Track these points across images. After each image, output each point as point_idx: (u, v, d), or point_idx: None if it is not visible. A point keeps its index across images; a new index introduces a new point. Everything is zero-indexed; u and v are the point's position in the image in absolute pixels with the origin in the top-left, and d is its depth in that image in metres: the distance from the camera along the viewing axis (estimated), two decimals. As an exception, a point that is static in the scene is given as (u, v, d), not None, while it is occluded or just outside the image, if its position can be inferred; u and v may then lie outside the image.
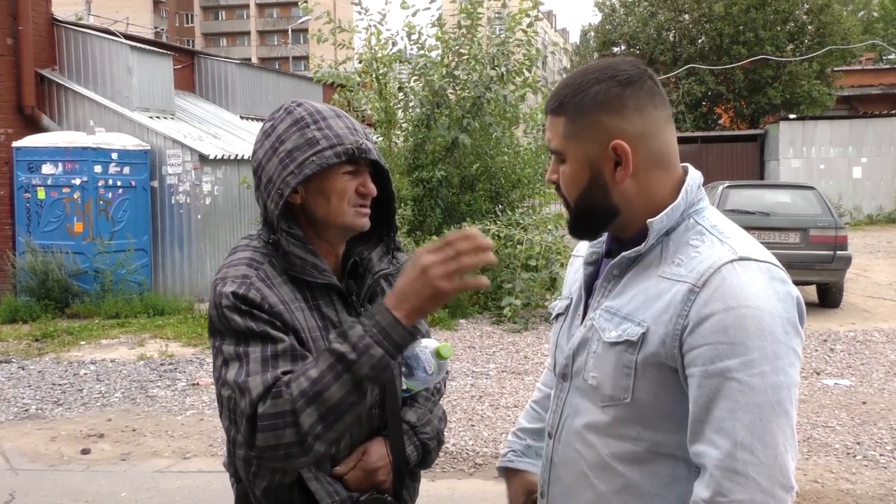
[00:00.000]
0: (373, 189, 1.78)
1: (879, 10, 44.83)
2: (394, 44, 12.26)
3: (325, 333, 1.73)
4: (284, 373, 1.59)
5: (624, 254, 1.49)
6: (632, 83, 1.45)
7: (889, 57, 37.61)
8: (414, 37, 12.26)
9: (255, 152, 1.79)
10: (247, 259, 1.73)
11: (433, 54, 12.28)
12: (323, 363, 1.56)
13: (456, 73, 11.89)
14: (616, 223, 1.52)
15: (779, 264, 1.42)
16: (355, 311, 1.81)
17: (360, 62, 12.64)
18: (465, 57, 11.95)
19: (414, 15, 12.24)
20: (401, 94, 12.46)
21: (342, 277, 1.84)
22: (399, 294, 1.57)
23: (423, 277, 1.54)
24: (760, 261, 1.39)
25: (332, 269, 1.80)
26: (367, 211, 1.78)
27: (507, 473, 1.92)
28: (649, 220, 1.46)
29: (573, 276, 1.72)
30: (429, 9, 12.32)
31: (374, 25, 12.02)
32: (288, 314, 1.67)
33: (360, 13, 12.12)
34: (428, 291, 1.54)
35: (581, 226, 1.55)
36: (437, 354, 1.76)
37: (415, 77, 12.19)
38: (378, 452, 1.78)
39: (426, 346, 1.78)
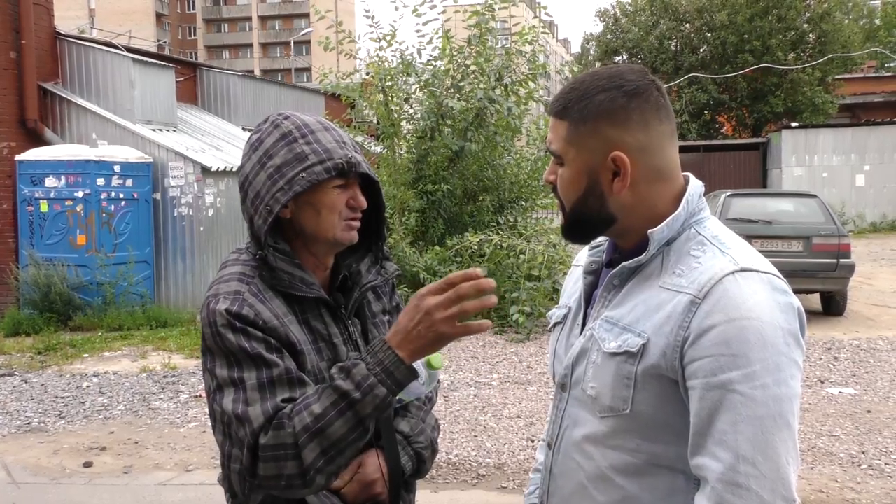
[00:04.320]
0: (363, 202, 1.77)
1: (882, 17, 44.87)
2: (402, 56, 12.30)
3: (314, 346, 1.73)
4: (284, 401, 1.59)
5: (624, 264, 1.48)
6: (638, 95, 1.44)
7: (891, 65, 37.65)
8: (424, 50, 12.31)
9: (242, 166, 1.77)
10: (237, 274, 1.72)
11: (438, 63, 12.31)
12: (326, 399, 1.56)
13: (461, 84, 11.91)
14: (613, 230, 1.51)
15: (780, 275, 1.41)
16: (343, 323, 1.81)
17: (368, 73, 12.68)
18: (471, 67, 11.98)
19: (425, 24, 12.29)
20: (406, 105, 12.49)
21: (331, 290, 1.84)
22: (401, 333, 1.56)
23: (426, 320, 1.53)
24: (762, 272, 1.38)
25: (322, 282, 1.80)
26: (357, 225, 1.78)
27: None
28: (650, 230, 1.44)
29: (572, 285, 1.70)
30: (437, 19, 12.36)
31: (384, 37, 12.06)
32: (282, 328, 1.66)
33: (371, 26, 12.17)
34: (431, 335, 1.54)
35: (575, 230, 1.55)
36: (428, 365, 1.77)
37: (419, 87, 12.21)
38: (373, 464, 1.77)
39: None
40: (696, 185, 1.51)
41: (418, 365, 1.77)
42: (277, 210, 1.68)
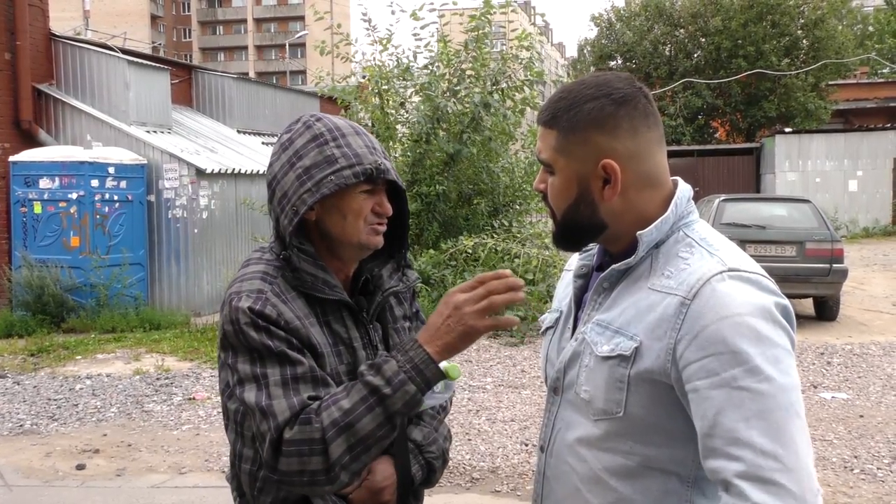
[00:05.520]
0: (389, 209, 1.77)
1: (875, 23, 45.01)
2: (398, 60, 12.31)
3: (334, 350, 1.72)
4: (310, 398, 1.58)
5: (614, 266, 1.49)
6: (626, 102, 1.45)
7: (883, 71, 37.79)
8: (420, 53, 12.32)
9: (271, 164, 1.77)
10: (260, 273, 1.71)
11: (436, 66, 12.32)
12: (356, 395, 1.55)
13: (457, 88, 11.91)
14: (604, 237, 1.52)
15: (767, 276, 1.41)
16: (364, 327, 1.80)
17: (364, 77, 12.67)
18: (468, 71, 11.99)
19: (423, 28, 12.30)
20: (402, 109, 12.50)
21: (353, 293, 1.83)
22: (431, 331, 1.58)
23: (455, 315, 1.56)
24: (749, 272, 1.39)
25: (343, 285, 1.79)
26: (383, 229, 1.78)
27: None
28: (639, 232, 1.45)
29: (563, 289, 1.71)
30: (436, 23, 12.36)
31: (381, 41, 12.07)
32: (304, 329, 1.66)
33: (367, 30, 12.18)
34: (461, 329, 1.56)
35: (566, 238, 1.55)
36: (446, 374, 1.76)
37: (415, 90, 12.22)
38: (384, 472, 1.76)
39: None
40: (684, 189, 1.52)
41: None
42: (303, 211, 1.68)
